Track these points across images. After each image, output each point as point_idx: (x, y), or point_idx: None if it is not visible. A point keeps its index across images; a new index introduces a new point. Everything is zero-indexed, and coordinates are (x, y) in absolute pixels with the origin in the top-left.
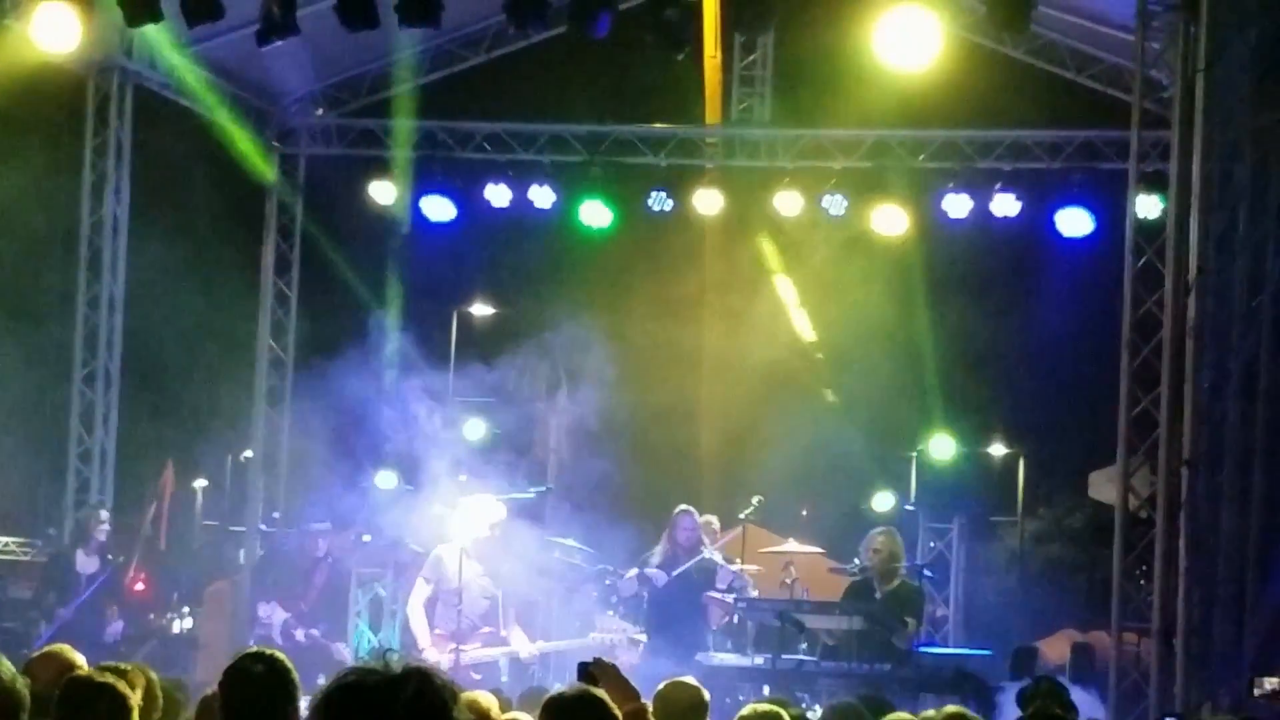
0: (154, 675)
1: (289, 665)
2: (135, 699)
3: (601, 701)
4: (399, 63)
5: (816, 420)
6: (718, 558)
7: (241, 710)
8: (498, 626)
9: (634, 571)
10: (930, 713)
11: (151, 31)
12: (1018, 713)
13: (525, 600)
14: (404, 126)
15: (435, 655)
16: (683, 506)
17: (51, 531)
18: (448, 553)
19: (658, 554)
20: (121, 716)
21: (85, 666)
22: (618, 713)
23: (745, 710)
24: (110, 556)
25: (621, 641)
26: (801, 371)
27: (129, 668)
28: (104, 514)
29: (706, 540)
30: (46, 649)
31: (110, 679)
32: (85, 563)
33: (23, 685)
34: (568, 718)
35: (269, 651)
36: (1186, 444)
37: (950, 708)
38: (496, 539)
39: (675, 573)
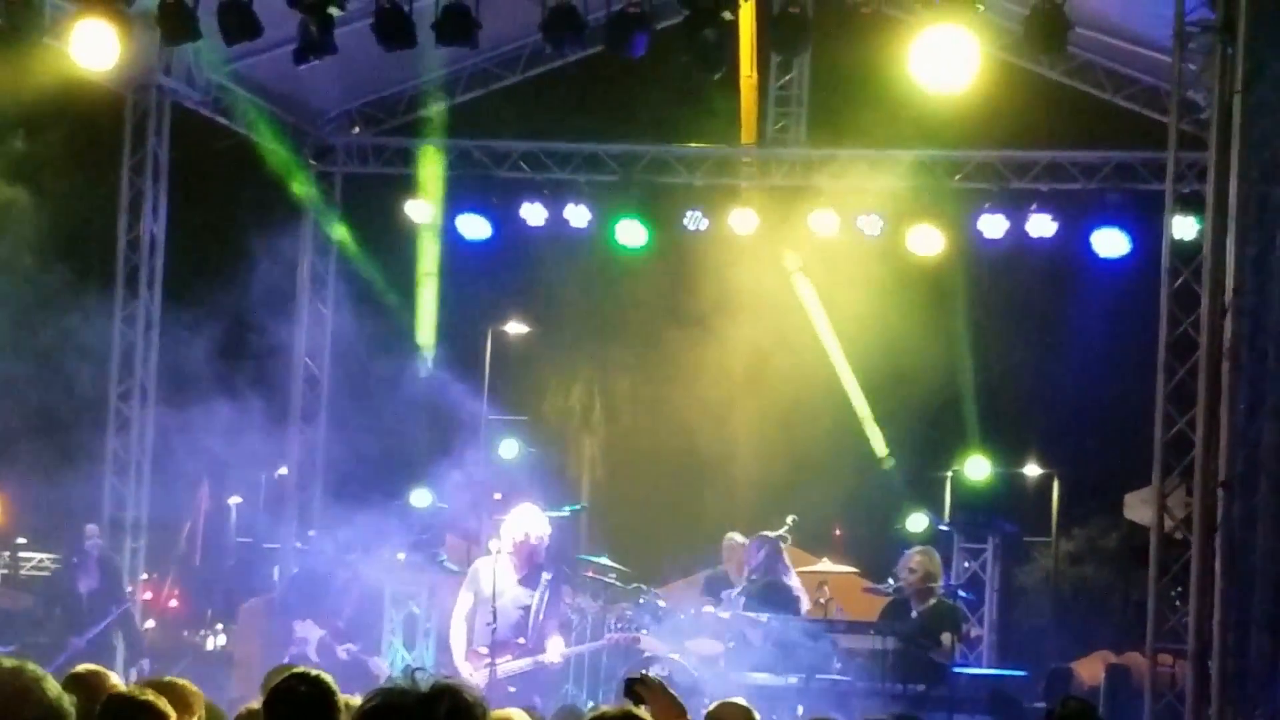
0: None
1: (333, 686)
2: (174, 715)
3: None
4: (435, 82)
5: (851, 440)
6: (799, 590)
7: None
8: (529, 637)
9: (717, 642)
10: None
11: (190, 50)
12: None
13: (563, 616)
14: (440, 145)
15: (468, 670)
16: (733, 535)
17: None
18: (484, 565)
19: (735, 582)
20: None
21: (120, 683)
22: None
23: None
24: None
25: (655, 660)
26: (835, 392)
27: (180, 683)
28: (91, 528)
29: (732, 564)
30: (83, 668)
31: (150, 696)
32: (85, 582)
33: (69, 704)
34: None
35: (313, 673)
36: (1222, 465)
37: None
38: (531, 546)
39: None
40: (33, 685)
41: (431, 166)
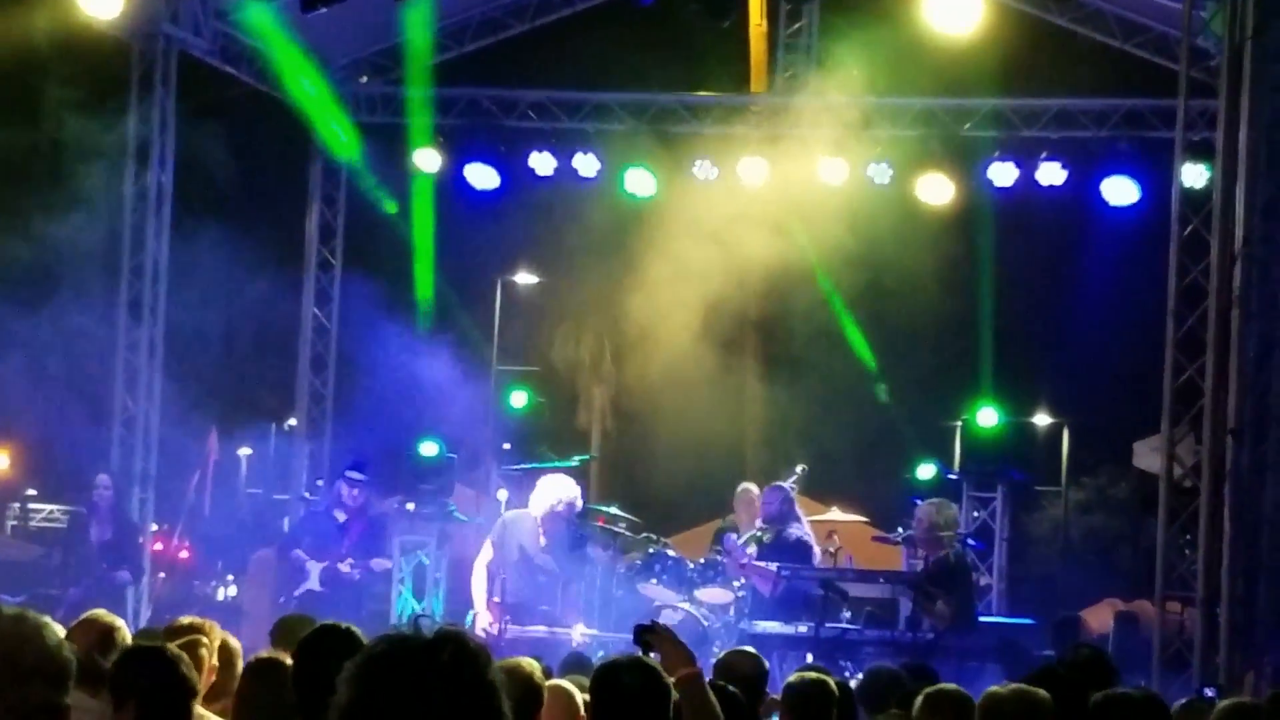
0: (215, 635)
1: (363, 639)
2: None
3: (654, 670)
4: (445, 30)
5: (861, 389)
6: (810, 539)
7: (315, 684)
8: (555, 605)
9: (727, 591)
10: (998, 688)
11: None
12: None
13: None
14: (448, 94)
15: (487, 619)
16: (747, 485)
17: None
18: (514, 520)
19: (743, 532)
20: (177, 678)
21: (125, 630)
22: (669, 682)
23: (793, 678)
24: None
25: (667, 608)
26: (846, 341)
27: (201, 622)
28: (102, 478)
29: (744, 515)
30: (86, 614)
31: (160, 643)
32: (97, 531)
33: (69, 652)
34: (620, 686)
35: (343, 626)
36: (1231, 413)
37: (1015, 686)
38: (564, 516)
39: (784, 574)
40: (32, 634)
41: (440, 116)
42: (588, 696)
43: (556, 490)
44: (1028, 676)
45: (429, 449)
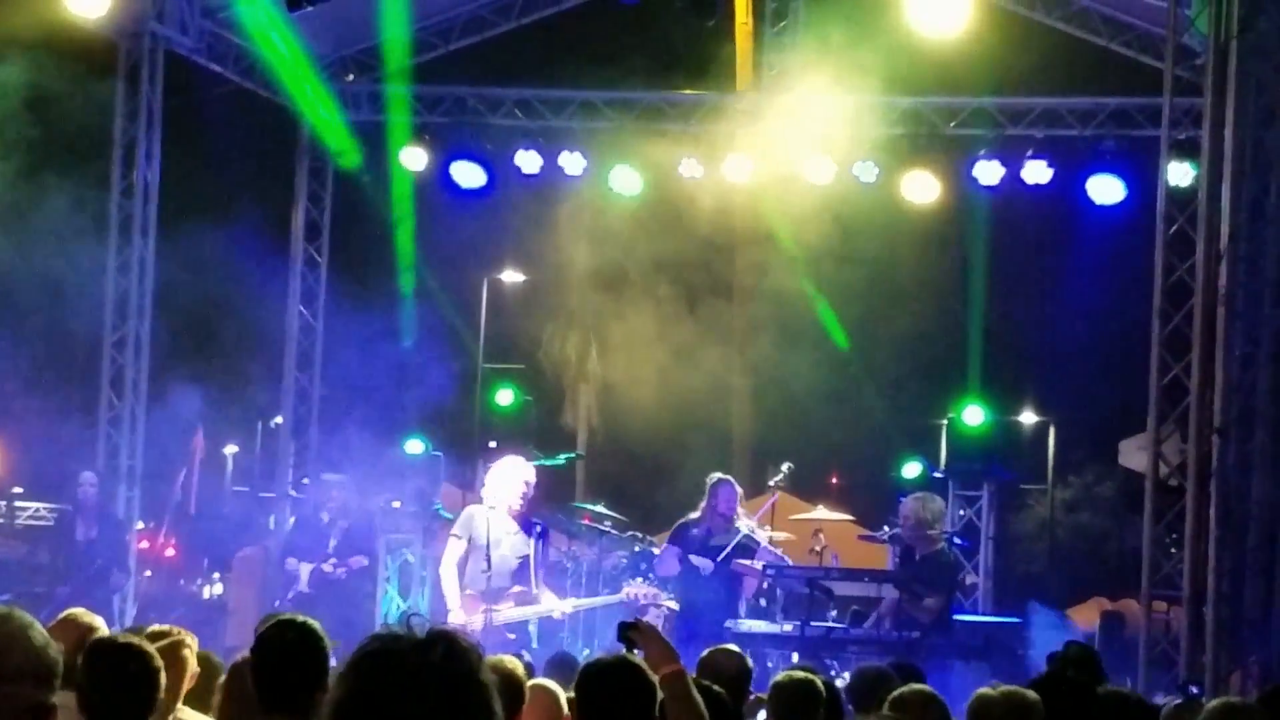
0: (194, 642)
1: (321, 633)
2: (160, 661)
3: (639, 669)
4: (430, 28)
5: (847, 388)
6: (759, 535)
7: (274, 677)
8: (530, 585)
9: (668, 549)
10: (987, 690)
11: None
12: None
13: (554, 563)
14: (434, 92)
15: (463, 617)
16: (719, 475)
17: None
18: (479, 511)
19: (696, 523)
20: (149, 678)
21: (104, 628)
22: (655, 680)
23: (780, 677)
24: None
25: (651, 606)
26: (831, 340)
27: (175, 631)
28: (87, 475)
29: (742, 512)
30: (65, 614)
31: (135, 640)
32: (83, 529)
33: (56, 652)
34: (605, 685)
35: (300, 619)
36: (1217, 412)
37: (1006, 687)
38: (528, 497)
39: (719, 558)
40: (18, 633)
41: (426, 114)
42: (572, 694)
43: (521, 474)
44: (1034, 681)
45: (415, 447)
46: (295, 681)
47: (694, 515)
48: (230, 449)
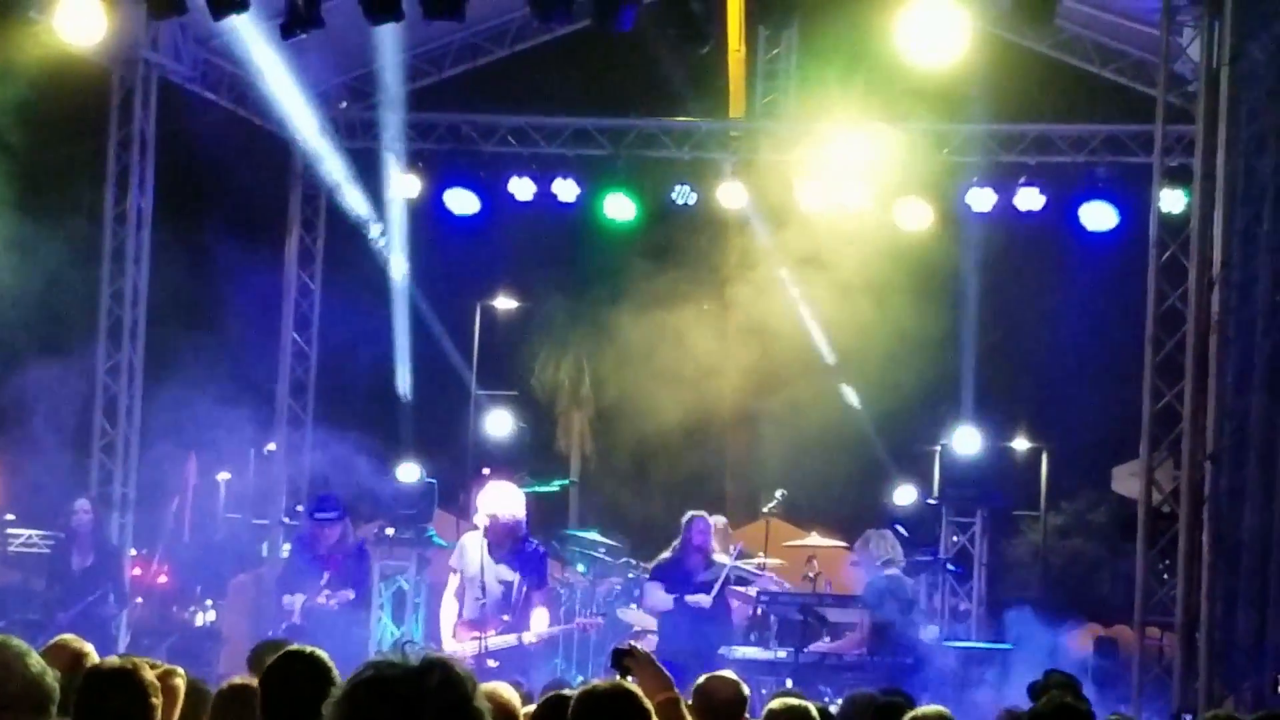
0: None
1: (329, 664)
2: (173, 684)
3: (634, 696)
4: (423, 56)
5: (839, 415)
6: (743, 567)
7: (282, 708)
8: (514, 612)
9: (652, 584)
10: (917, 711)
11: (176, 23)
12: None
13: (549, 590)
14: (428, 120)
15: (453, 647)
16: (693, 512)
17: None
18: (470, 540)
19: (674, 561)
20: (142, 704)
21: (94, 654)
22: (650, 707)
23: (774, 704)
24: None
25: (646, 632)
26: (824, 367)
27: (161, 665)
28: (81, 502)
29: (717, 545)
30: (55, 640)
31: (130, 665)
32: (79, 557)
33: (52, 679)
34: (599, 713)
35: (308, 649)
36: (1210, 439)
37: (933, 707)
38: (511, 525)
39: (712, 593)
40: (15, 660)
41: (420, 141)
42: None
43: (492, 503)
44: (1034, 711)
45: (408, 473)
46: (304, 713)
47: (666, 554)
48: (223, 476)
